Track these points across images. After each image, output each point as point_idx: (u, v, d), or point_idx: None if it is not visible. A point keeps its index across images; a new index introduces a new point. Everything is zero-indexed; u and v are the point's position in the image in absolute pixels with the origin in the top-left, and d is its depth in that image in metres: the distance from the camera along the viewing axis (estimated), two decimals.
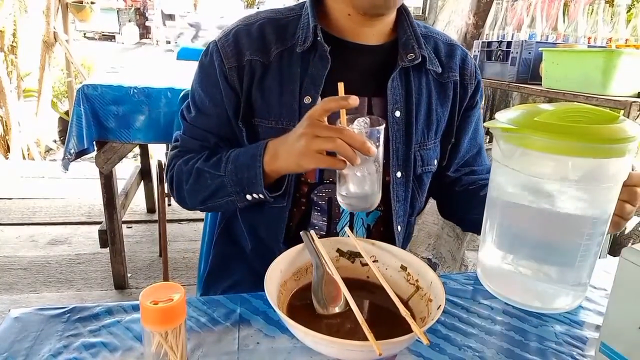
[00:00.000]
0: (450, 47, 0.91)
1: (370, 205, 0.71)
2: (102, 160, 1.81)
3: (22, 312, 0.63)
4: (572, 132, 0.42)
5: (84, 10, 4.58)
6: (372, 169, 0.68)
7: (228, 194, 0.79)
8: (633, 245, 0.54)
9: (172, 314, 0.49)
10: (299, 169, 0.72)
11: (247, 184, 0.76)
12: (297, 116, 0.80)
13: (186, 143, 0.88)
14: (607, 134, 0.42)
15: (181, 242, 2.59)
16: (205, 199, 0.83)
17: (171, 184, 0.89)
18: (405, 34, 0.84)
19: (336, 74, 0.79)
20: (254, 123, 0.83)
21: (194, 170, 0.82)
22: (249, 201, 0.79)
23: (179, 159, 0.86)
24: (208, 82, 0.84)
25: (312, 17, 0.81)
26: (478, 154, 0.97)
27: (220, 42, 0.83)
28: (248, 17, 0.87)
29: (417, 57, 0.83)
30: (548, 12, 1.87)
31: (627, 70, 1.44)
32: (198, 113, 0.86)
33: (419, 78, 0.86)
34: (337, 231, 0.87)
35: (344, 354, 0.53)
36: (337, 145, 0.63)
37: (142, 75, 2.03)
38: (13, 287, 2.07)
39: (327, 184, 0.85)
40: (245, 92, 0.82)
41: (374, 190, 0.70)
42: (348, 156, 0.63)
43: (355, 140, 0.63)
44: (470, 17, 2.55)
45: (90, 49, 7.64)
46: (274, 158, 0.73)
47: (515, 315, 0.70)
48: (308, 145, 0.66)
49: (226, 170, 0.78)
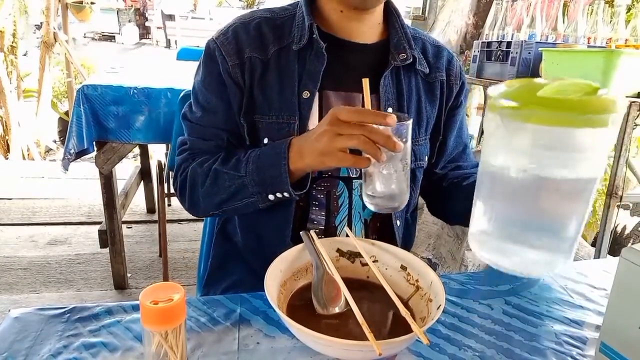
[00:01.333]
0: (437, 48, 0.94)
1: (399, 205, 0.69)
2: (102, 161, 1.81)
3: (22, 312, 0.63)
4: (575, 106, 0.45)
5: (84, 10, 4.59)
6: (399, 166, 0.66)
7: (249, 195, 0.78)
8: (633, 245, 0.54)
9: (172, 314, 0.49)
10: (323, 167, 0.71)
11: (270, 183, 0.75)
12: (297, 110, 0.82)
13: (197, 144, 0.87)
14: (604, 105, 0.45)
15: (181, 242, 2.59)
16: (223, 201, 0.81)
17: (182, 189, 0.86)
18: (397, 34, 0.87)
19: (332, 70, 0.82)
20: (255, 119, 0.84)
21: (211, 172, 0.80)
22: (271, 201, 0.77)
23: (191, 162, 0.85)
24: (212, 79, 0.84)
25: (307, 15, 0.83)
26: (463, 151, 1.00)
27: (220, 40, 0.83)
28: (244, 15, 0.88)
29: (408, 57, 0.86)
30: (548, 12, 1.87)
31: (627, 70, 1.44)
32: (204, 112, 0.85)
33: (408, 77, 0.88)
34: (336, 225, 0.88)
35: (344, 354, 0.53)
36: (361, 142, 0.61)
37: (142, 76, 2.03)
38: (13, 287, 2.07)
39: (327, 177, 0.85)
40: (248, 88, 0.83)
41: (401, 189, 0.68)
42: (373, 153, 0.61)
43: (380, 136, 0.61)
44: (470, 17, 2.55)
45: (90, 49, 7.64)
46: (298, 155, 0.72)
47: (515, 316, 0.70)
48: (330, 144, 0.64)
49: (247, 171, 0.77)
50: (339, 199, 0.87)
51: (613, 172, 1.48)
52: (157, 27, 12.65)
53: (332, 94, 0.84)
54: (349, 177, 0.86)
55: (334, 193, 0.86)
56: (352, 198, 0.87)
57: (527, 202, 0.49)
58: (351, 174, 0.86)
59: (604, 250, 1.54)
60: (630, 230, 2.63)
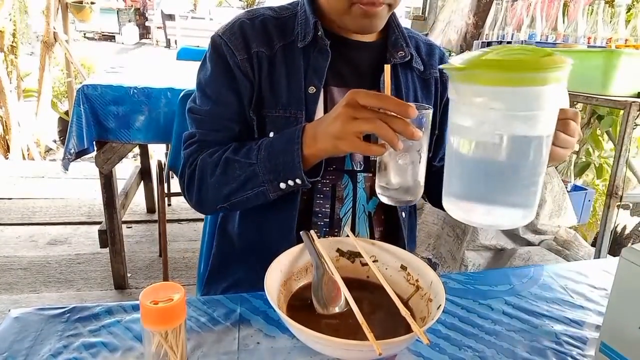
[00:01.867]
0: (430, 46, 0.97)
1: (413, 198, 0.66)
2: (102, 160, 1.81)
3: (22, 312, 0.63)
4: (516, 66, 0.48)
5: (84, 10, 4.59)
6: (415, 157, 0.63)
7: (259, 183, 0.76)
8: (633, 245, 0.54)
9: (172, 314, 0.49)
10: (337, 152, 0.68)
11: (283, 170, 0.73)
12: (304, 105, 0.83)
13: (207, 137, 0.85)
14: (544, 64, 0.47)
15: (181, 242, 2.59)
16: (232, 192, 0.79)
17: (190, 181, 0.84)
18: (394, 33, 0.89)
19: (335, 67, 0.84)
20: (263, 114, 0.84)
21: (221, 161, 0.79)
22: (282, 190, 0.75)
23: (200, 153, 0.83)
24: (220, 73, 0.84)
25: (311, 14, 0.85)
26: None
27: (226, 36, 0.84)
28: (248, 11, 0.89)
29: (406, 55, 0.88)
30: (548, 12, 1.87)
31: (627, 70, 1.44)
32: (215, 105, 0.84)
33: (405, 74, 0.90)
34: (340, 217, 0.88)
35: (344, 354, 0.53)
36: (377, 126, 0.59)
37: (142, 75, 2.02)
38: (13, 287, 2.07)
39: (331, 170, 0.86)
40: (257, 83, 0.84)
41: (416, 182, 0.65)
42: (390, 139, 0.59)
43: (399, 122, 0.58)
44: (470, 17, 2.55)
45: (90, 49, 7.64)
46: (313, 140, 0.70)
47: (514, 316, 0.70)
48: (345, 128, 0.62)
49: (258, 158, 0.75)
50: (343, 191, 0.88)
51: (613, 172, 1.48)
52: (157, 27, 12.65)
53: (336, 90, 0.85)
54: (353, 171, 0.87)
55: (339, 186, 0.87)
56: (356, 191, 0.88)
57: (484, 161, 0.52)
58: (355, 167, 0.87)
59: (604, 250, 1.54)
60: (630, 230, 2.63)
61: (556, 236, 1.92)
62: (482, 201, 0.53)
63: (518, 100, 0.48)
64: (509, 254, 1.97)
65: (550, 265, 0.87)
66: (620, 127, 1.47)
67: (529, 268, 0.85)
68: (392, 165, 0.64)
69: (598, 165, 2.41)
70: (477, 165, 0.52)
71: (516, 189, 0.52)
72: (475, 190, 0.53)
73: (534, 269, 0.85)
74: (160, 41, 12.57)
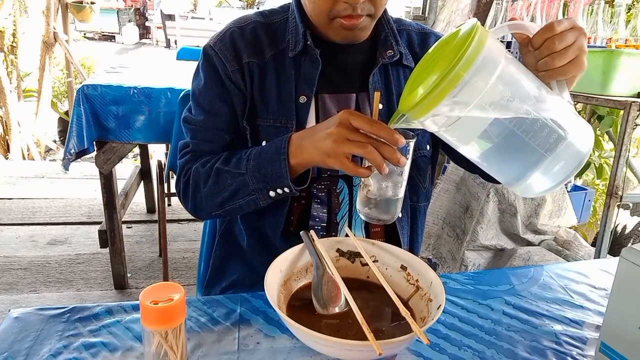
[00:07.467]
0: (423, 35, 0.94)
1: (390, 218, 0.70)
2: (102, 160, 1.81)
3: (22, 312, 0.63)
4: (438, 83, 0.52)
5: (84, 10, 4.58)
6: (397, 180, 0.67)
7: (250, 192, 0.78)
8: (633, 245, 0.54)
9: (172, 314, 0.49)
10: (324, 166, 0.71)
11: (271, 179, 0.75)
12: (294, 114, 0.83)
13: (200, 147, 0.87)
14: (452, 57, 0.51)
15: (181, 242, 2.59)
16: (225, 200, 0.81)
17: (185, 190, 0.87)
18: (384, 30, 0.88)
19: (326, 74, 0.85)
20: (256, 123, 0.85)
21: (212, 171, 0.81)
22: (272, 198, 0.78)
23: (194, 163, 0.86)
24: (213, 84, 0.85)
25: (300, 23, 0.85)
26: None
27: (217, 46, 0.85)
28: (239, 19, 0.89)
29: (395, 54, 0.87)
30: (548, 12, 1.87)
31: (627, 71, 1.44)
32: (207, 115, 0.86)
33: (397, 71, 0.90)
34: (337, 221, 0.89)
35: (344, 354, 0.53)
36: (368, 151, 0.62)
37: (142, 75, 2.02)
38: (13, 287, 2.07)
39: (326, 177, 0.87)
40: (249, 93, 0.85)
41: (396, 203, 0.69)
42: (377, 164, 0.62)
43: (387, 150, 0.62)
44: (470, 17, 2.55)
45: (90, 49, 7.64)
46: (298, 150, 0.72)
47: (514, 316, 0.70)
48: (337, 147, 0.65)
49: (248, 168, 0.77)
50: (339, 196, 0.88)
51: (613, 172, 1.48)
52: (157, 27, 12.63)
53: (327, 97, 0.86)
54: (348, 176, 0.87)
55: (335, 191, 0.87)
56: (352, 195, 0.88)
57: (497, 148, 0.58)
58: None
59: (604, 250, 1.55)
60: (630, 230, 2.63)
61: (556, 236, 1.92)
62: (530, 171, 0.57)
63: (463, 98, 0.53)
64: (509, 254, 1.97)
65: (550, 265, 0.87)
66: (620, 127, 1.47)
67: (529, 268, 0.85)
68: (374, 186, 0.68)
69: (598, 165, 2.41)
70: (499, 153, 0.58)
71: (532, 146, 0.55)
72: (516, 169, 0.59)
73: (534, 269, 0.85)
74: (160, 41, 12.55)
